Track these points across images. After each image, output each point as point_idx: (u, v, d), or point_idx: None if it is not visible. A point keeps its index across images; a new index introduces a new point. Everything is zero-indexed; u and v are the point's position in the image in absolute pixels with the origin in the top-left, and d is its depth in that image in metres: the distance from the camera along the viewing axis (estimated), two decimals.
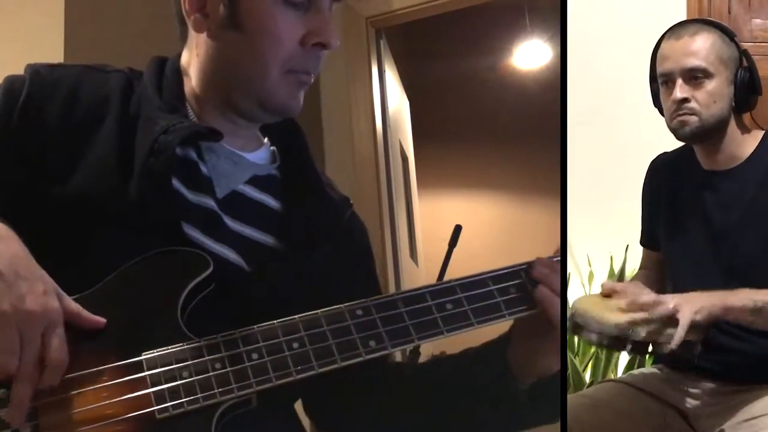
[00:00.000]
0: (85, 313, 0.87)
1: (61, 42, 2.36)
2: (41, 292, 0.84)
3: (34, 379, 0.81)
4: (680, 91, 1.40)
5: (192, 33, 1.05)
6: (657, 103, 1.49)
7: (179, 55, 1.09)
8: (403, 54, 4.16)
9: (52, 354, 0.82)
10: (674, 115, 1.42)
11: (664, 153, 1.59)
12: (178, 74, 1.08)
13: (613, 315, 1.27)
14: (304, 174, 1.13)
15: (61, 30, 2.38)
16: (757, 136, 1.45)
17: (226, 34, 1.01)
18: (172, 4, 1.07)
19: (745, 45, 1.48)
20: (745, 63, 1.43)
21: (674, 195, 1.53)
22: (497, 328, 1.03)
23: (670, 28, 1.46)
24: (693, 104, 1.40)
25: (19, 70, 1.05)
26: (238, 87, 1.03)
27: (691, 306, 1.24)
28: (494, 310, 0.97)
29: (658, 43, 1.47)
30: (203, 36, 1.03)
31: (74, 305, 0.87)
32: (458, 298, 0.97)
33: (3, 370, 0.80)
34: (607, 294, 1.35)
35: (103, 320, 0.88)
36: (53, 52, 2.32)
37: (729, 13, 2.41)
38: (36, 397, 0.82)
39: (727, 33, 1.44)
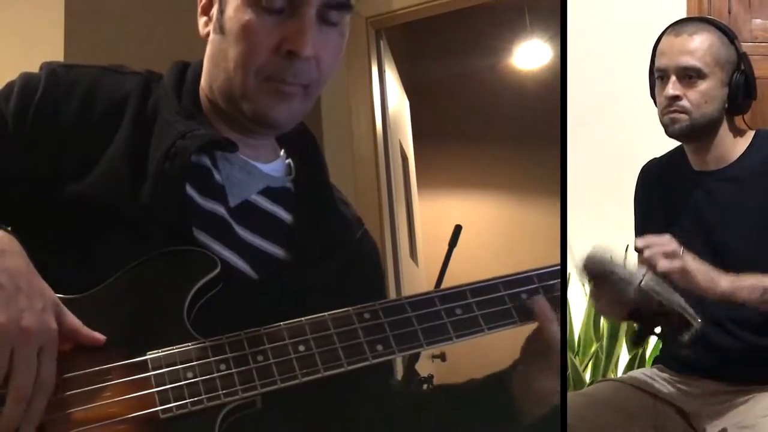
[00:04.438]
0: (85, 330, 0.86)
1: (61, 41, 2.37)
2: (40, 309, 0.82)
3: (27, 400, 0.79)
4: (673, 88, 1.41)
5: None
6: (654, 96, 1.49)
7: (202, 60, 1.09)
8: (403, 54, 4.16)
9: (41, 377, 0.80)
10: (665, 111, 1.43)
11: (654, 158, 1.60)
12: (198, 79, 1.08)
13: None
14: (317, 189, 1.12)
15: (62, 29, 2.38)
16: (748, 136, 1.46)
17: (217, 38, 1.01)
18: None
19: (745, 45, 1.48)
20: (742, 66, 1.43)
21: (666, 197, 1.53)
22: (506, 340, 1.02)
23: (673, 24, 1.46)
24: (684, 102, 1.41)
25: (19, 68, 1.05)
26: (222, 92, 1.03)
27: (696, 263, 1.26)
28: (505, 317, 0.96)
29: (659, 37, 1.47)
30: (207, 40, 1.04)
31: (75, 321, 0.85)
32: (468, 303, 0.96)
33: None
34: None
35: (102, 337, 0.86)
36: (53, 51, 2.32)
37: (729, 13, 2.42)
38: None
39: (728, 35, 1.44)
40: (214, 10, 1.01)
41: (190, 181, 0.98)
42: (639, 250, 1.28)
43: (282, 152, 1.14)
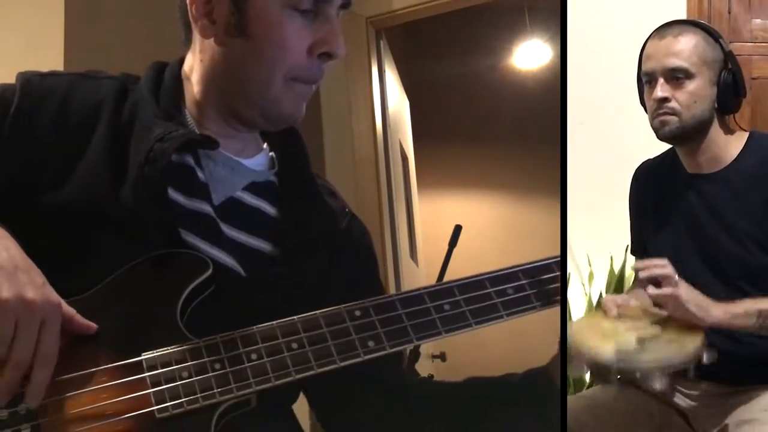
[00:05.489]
0: (78, 317, 0.87)
1: (61, 41, 2.36)
2: (41, 283, 0.84)
3: (24, 367, 0.81)
4: (661, 90, 1.40)
5: (196, 38, 1.05)
6: (643, 101, 1.49)
7: (180, 61, 1.09)
8: (403, 54, 4.16)
9: (42, 348, 0.82)
10: (655, 114, 1.42)
11: (648, 160, 1.59)
12: (178, 80, 1.07)
13: (604, 343, 1.24)
14: (301, 181, 1.12)
15: (62, 29, 2.38)
16: (741, 138, 1.45)
17: (233, 40, 1.00)
18: (176, 9, 1.07)
19: (745, 45, 1.48)
20: (729, 65, 1.43)
21: (660, 200, 1.52)
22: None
23: (657, 29, 1.46)
24: (673, 104, 1.40)
25: (19, 69, 1.05)
26: (242, 94, 1.02)
27: (689, 292, 1.24)
28: (492, 311, 0.98)
29: (645, 42, 1.47)
30: (209, 42, 1.02)
31: (69, 308, 0.87)
32: (456, 300, 0.98)
33: None
34: (609, 309, 1.32)
35: (94, 326, 0.88)
36: (53, 52, 2.32)
37: (729, 13, 2.42)
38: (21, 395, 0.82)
39: (712, 34, 1.44)
40: (227, 13, 0.99)
41: (173, 182, 0.98)
42: (636, 271, 1.29)
43: (265, 145, 1.14)
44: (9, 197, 0.95)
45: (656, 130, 1.43)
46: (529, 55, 4.58)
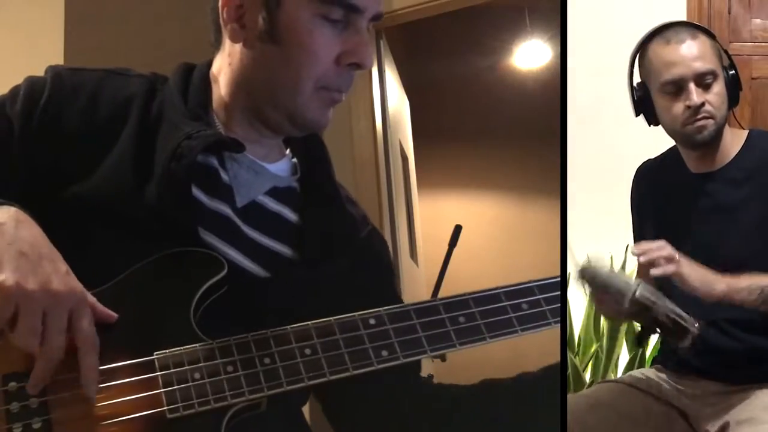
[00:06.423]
0: (99, 306, 0.88)
1: (61, 41, 2.37)
2: (65, 272, 0.85)
3: (54, 359, 0.82)
4: (697, 95, 1.38)
5: (226, 41, 1.05)
6: (640, 111, 1.46)
7: (209, 63, 1.10)
8: (403, 54, 4.16)
9: (81, 335, 0.83)
10: (690, 120, 1.39)
11: (649, 159, 1.59)
12: (206, 82, 1.08)
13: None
14: (323, 188, 1.13)
15: (62, 29, 2.39)
16: (741, 135, 1.45)
17: (263, 46, 1.01)
18: (209, 11, 1.07)
19: (745, 45, 1.48)
20: (731, 63, 1.43)
21: (662, 200, 1.52)
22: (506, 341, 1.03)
23: (658, 34, 1.43)
24: (708, 107, 1.39)
25: (20, 69, 1.06)
26: (270, 99, 1.03)
27: (691, 267, 1.26)
28: (507, 326, 0.98)
29: (641, 48, 1.44)
30: (238, 46, 1.03)
31: (90, 296, 0.87)
32: (471, 312, 0.98)
33: (26, 350, 0.81)
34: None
35: (114, 315, 0.88)
36: (53, 52, 2.32)
37: (729, 13, 2.42)
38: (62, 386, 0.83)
39: (709, 34, 1.44)
40: (257, 18, 1.00)
41: (196, 181, 0.98)
42: (636, 256, 1.28)
43: (288, 151, 1.14)
44: (34, 188, 0.95)
45: (691, 137, 1.40)
46: (529, 55, 4.58)
